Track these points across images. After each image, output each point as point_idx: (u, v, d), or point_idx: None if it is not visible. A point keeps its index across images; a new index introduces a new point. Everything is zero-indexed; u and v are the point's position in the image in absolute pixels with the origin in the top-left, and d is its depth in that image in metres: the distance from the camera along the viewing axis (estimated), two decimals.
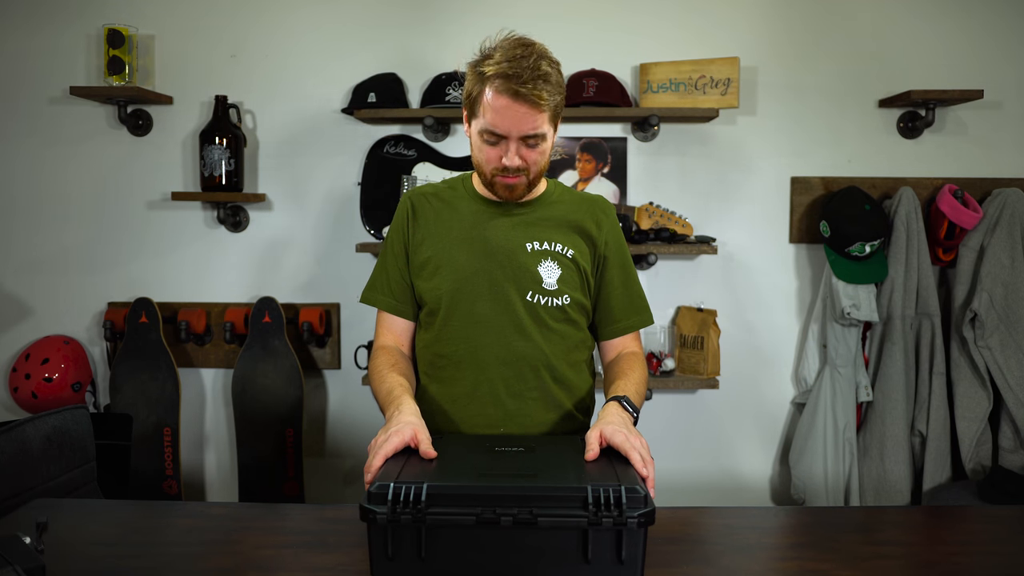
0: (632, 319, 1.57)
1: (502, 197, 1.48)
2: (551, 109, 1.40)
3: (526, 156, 1.42)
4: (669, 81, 2.57)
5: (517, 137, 1.40)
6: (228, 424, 2.77)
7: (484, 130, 1.41)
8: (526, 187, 1.47)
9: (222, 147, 2.55)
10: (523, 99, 1.35)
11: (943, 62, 2.64)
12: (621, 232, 1.59)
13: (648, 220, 2.61)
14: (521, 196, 1.49)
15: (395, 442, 1.22)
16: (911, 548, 1.29)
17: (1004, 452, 2.53)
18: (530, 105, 1.36)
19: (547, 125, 1.41)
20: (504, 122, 1.38)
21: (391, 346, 1.56)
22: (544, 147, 1.44)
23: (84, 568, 1.17)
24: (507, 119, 1.37)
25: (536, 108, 1.37)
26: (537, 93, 1.35)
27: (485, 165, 1.45)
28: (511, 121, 1.38)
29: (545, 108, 1.38)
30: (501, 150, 1.42)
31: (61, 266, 2.73)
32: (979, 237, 2.55)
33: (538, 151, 1.43)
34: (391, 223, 1.60)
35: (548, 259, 1.49)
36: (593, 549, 1.04)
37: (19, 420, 1.61)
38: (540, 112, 1.38)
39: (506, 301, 1.48)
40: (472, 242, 1.50)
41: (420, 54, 2.66)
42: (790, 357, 2.75)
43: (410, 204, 1.57)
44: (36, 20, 2.67)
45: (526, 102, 1.36)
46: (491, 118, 1.38)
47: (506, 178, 1.44)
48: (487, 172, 1.45)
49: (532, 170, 1.44)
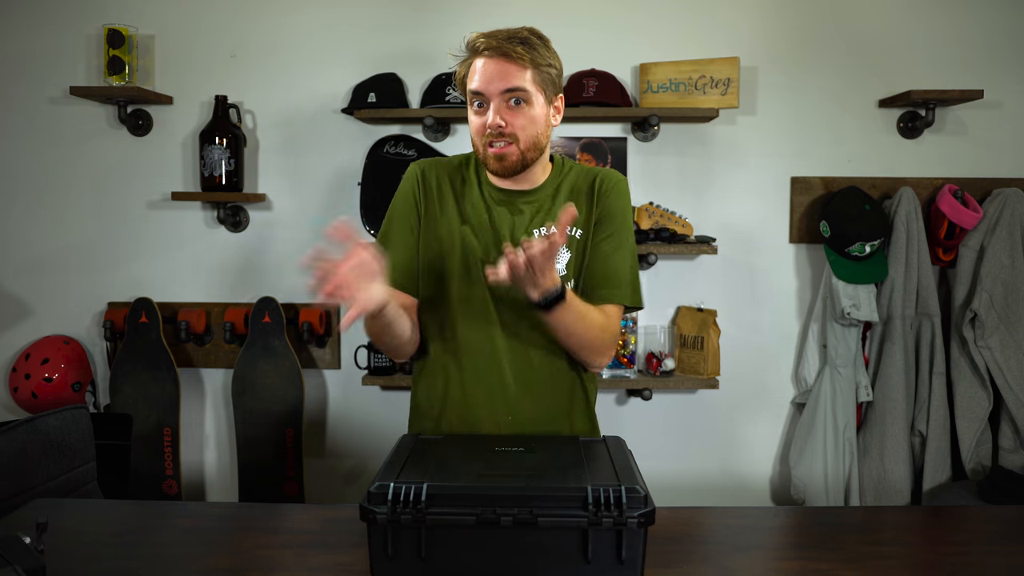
0: (605, 291, 1.47)
1: (495, 171, 1.43)
2: (532, 66, 1.38)
3: (510, 119, 1.39)
4: (669, 81, 2.57)
5: (498, 94, 1.38)
6: (228, 424, 2.77)
7: (470, 94, 1.41)
8: (519, 158, 1.41)
9: (222, 147, 2.55)
10: (501, 55, 1.37)
11: (943, 62, 2.64)
12: (626, 205, 1.50)
13: (648, 220, 2.61)
14: (515, 168, 1.43)
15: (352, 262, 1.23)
16: (911, 548, 1.29)
17: (1004, 452, 2.53)
18: (507, 59, 1.37)
19: (531, 85, 1.39)
20: (483, 79, 1.38)
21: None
22: (531, 112, 1.40)
23: (84, 568, 1.17)
24: (486, 75, 1.38)
25: (513, 63, 1.37)
26: (512, 47, 1.37)
27: (477, 138, 1.43)
28: (489, 76, 1.38)
29: (524, 63, 1.38)
30: (487, 113, 1.40)
31: (61, 266, 2.73)
32: (979, 237, 2.55)
33: (524, 115, 1.39)
34: (398, 191, 1.53)
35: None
36: (593, 549, 1.04)
37: (19, 420, 1.61)
38: (519, 68, 1.38)
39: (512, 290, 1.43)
40: (480, 228, 1.47)
41: (420, 54, 2.66)
42: (790, 357, 2.75)
43: (420, 174, 1.52)
44: (36, 20, 2.67)
45: (503, 56, 1.37)
46: (473, 81, 1.40)
47: (495, 148, 1.40)
48: (480, 146, 1.43)
49: (520, 137, 1.40)
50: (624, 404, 2.75)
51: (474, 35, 1.41)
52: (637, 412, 2.73)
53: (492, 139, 1.40)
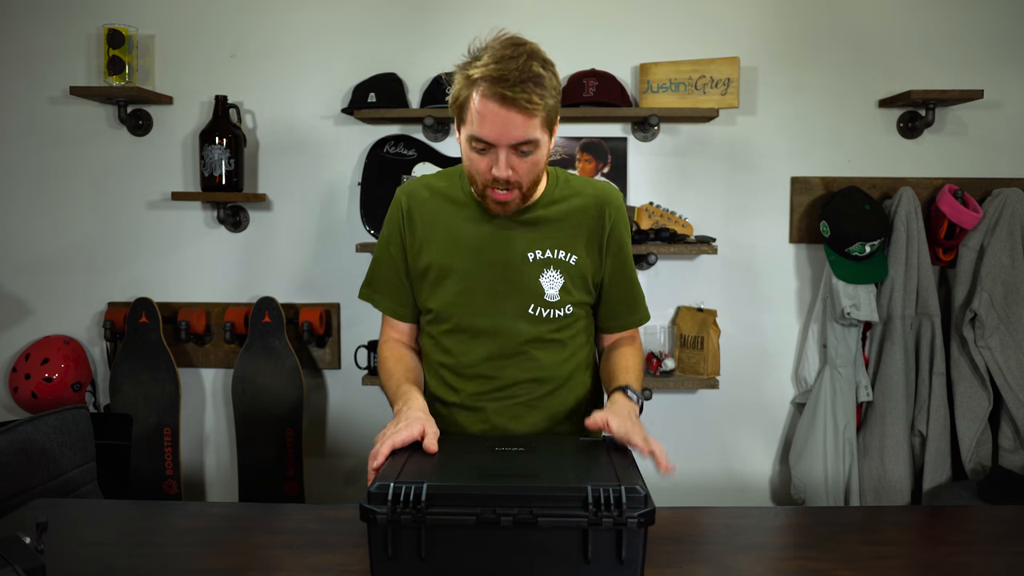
0: (633, 317, 1.56)
1: (495, 213, 1.40)
2: (543, 113, 1.29)
3: (517, 167, 1.32)
4: (669, 81, 2.57)
5: (507, 145, 1.29)
6: (228, 424, 2.77)
7: (472, 137, 1.31)
8: (520, 201, 1.39)
9: (222, 147, 2.55)
10: (512, 104, 1.25)
11: (943, 62, 2.64)
12: (627, 226, 1.52)
13: (648, 220, 2.61)
14: (515, 211, 1.41)
15: (404, 435, 1.23)
16: (911, 548, 1.29)
17: (1004, 452, 2.53)
18: (519, 110, 1.26)
19: (540, 131, 1.30)
20: (492, 130, 1.28)
21: (397, 339, 1.55)
22: (537, 157, 1.33)
23: (84, 568, 1.17)
24: (495, 126, 1.27)
25: (526, 114, 1.26)
26: (526, 97, 1.25)
27: (476, 176, 1.36)
28: (500, 129, 1.27)
29: (536, 113, 1.27)
30: (491, 159, 1.32)
31: (61, 266, 2.73)
32: (979, 237, 2.55)
33: (531, 161, 1.33)
34: (385, 218, 1.53)
35: (551, 268, 1.44)
36: (593, 549, 1.04)
37: (19, 420, 1.61)
38: (531, 118, 1.27)
39: (507, 315, 1.45)
40: (472, 251, 1.44)
41: (420, 54, 2.66)
42: (790, 357, 2.75)
43: (405, 204, 1.49)
44: (37, 20, 2.67)
45: (515, 107, 1.25)
46: (479, 125, 1.28)
47: (497, 193, 1.35)
48: (479, 183, 1.37)
49: (524, 183, 1.35)
50: None
51: (478, 69, 1.27)
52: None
53: (496, 185, 1.35)
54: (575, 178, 1.52)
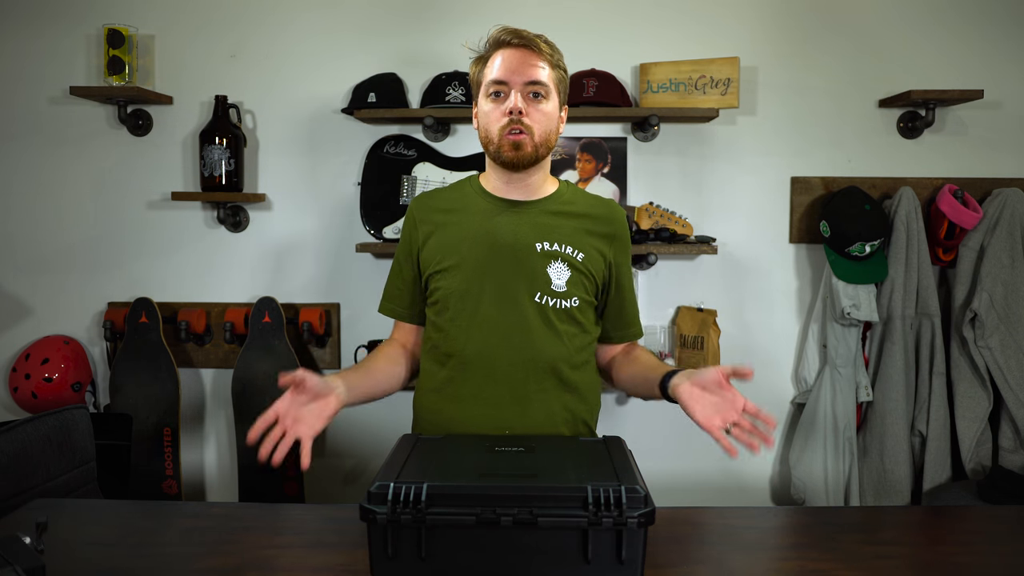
0: (635, 327, 1.66)
1: (510, 159, 1.47)
2: (551, 63, 1.47)
3: (530, 111, 1.45)
4: (669, 81, 2.57)
5: (520, 84, 1.44)
6: (228, 424, 2.77)
7: (490, 82, 1.46)
8: (533, 149, 1.46)
9: (222, 147, 2.55)
10: (526, 45, 1.45)
11: (943, 62, 2.64)
12: (629, 248, 1.61)
13: (648, 220, 2.61)
14: (529, 160, 1.47)
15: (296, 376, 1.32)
16: (911, 548, 1.29)
17: (1004, 452, 2.53)
18: (533, 50, 1.45)
19: (550, 81, 1.46)
20: (508, 68, 1.45)
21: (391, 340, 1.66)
22: (547, 108, 1.47)
23: (84, 568, 1.17)
24: (511, 64, 1.45)
25: (537, 54, 1.45)
26: (537, 41, 1.45)
27: (493, 126, 1.47)
28: (514, 66, 1.44)
29: (545, 56, 1.46)
30: (505, 104, 1.45)
31: (61, 266, 2.73)
32: (979, 237, 2.55)
33: (542, 110, 1.46)
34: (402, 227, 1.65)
35: (558, 260, 1.49)
36: (593, 549, 1.04)
37: (19, 420, 1.61)
38: (541, 59, 1.46)
39: (514, 302, 1.48)
40: (481, 241, 1.49)
41: (420, 54, 2.66)
42: (790, 357, 2.75)
43: (413, 211, 1.59)
44: (36, 20, 2.67)
45: (527, 47, 1.45)
46: (496, 69, 1.45)
47: (512, 135, 1.44)
48: (494, 134, 1.47)
49: (536, 131, 1.46)
50: (624, 404, 2.75)
51: (497, 29, 1.47)
52: (637, 412, 2.73)
53: (511, 126, 1.44)
54: (586, 192, 1.63)
